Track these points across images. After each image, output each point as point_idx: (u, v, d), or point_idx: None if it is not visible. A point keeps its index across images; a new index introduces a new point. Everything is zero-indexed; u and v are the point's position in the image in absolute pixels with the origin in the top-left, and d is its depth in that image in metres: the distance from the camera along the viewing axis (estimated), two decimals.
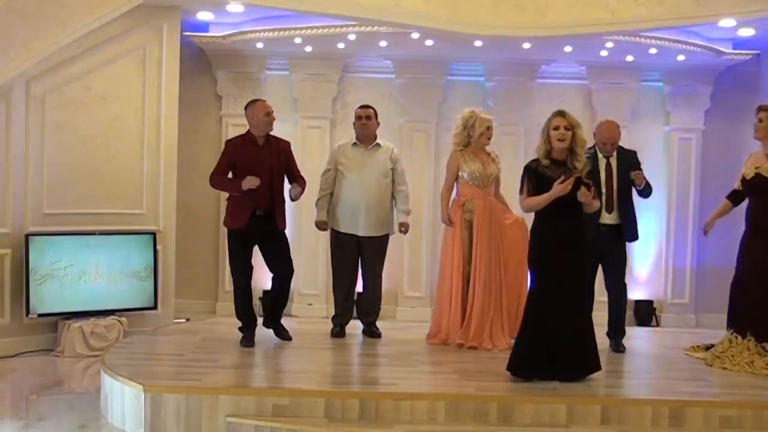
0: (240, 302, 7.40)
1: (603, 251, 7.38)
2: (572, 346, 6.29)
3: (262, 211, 7.23)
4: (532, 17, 8.43)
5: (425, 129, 10.74)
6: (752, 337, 6.99)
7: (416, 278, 10.74)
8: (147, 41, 8.87)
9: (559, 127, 6.21)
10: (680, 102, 10.74)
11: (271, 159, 7.32)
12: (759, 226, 7.06)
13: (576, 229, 6.32)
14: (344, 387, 6.17)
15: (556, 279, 6.23)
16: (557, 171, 6.21)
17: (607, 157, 7.47)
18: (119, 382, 6.06)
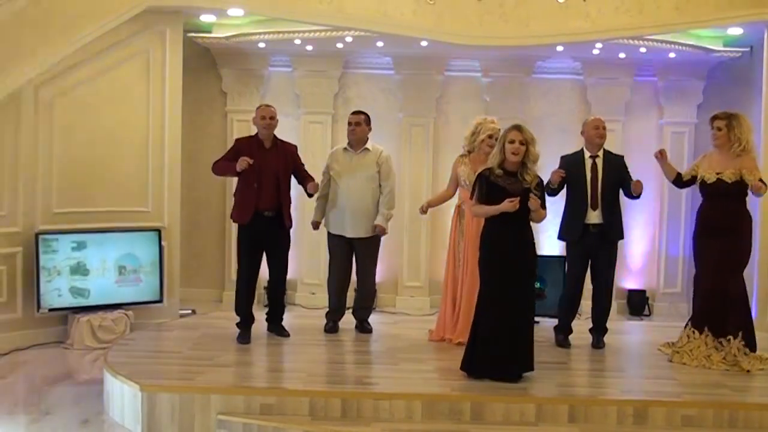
0: (240, 300, 7.82)
1: (590, 250, 7.71)
2: (513, 347, 6.61)
3: (270, 212, 7.65)
4: (515, 27, 8.71)
5: (423, 123, 11.03)
6: (710, 333, 7.32)
7: (415, 268, 11.08)
8: (150, 45, 9.19)
9: (515, 141, 6.54)
10: (673, 96, 10.97)
11: (278, 162, 7.74)
12: (712, 226, 7.35)
13: (523, 237, 6.67)
14: (329, 386, 6.55)
15: (503, 283, 6.57)
16: (508, 181, 6.56)
17: (593, 157, 7.76)
18: (119, 381, 6.49)
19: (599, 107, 10.89)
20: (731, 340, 7.27)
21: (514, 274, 6.60)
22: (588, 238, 7.64)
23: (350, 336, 8.15)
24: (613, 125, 10.80)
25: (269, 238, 7.76)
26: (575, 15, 8.77)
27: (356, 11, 8.84)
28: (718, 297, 7.30)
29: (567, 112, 11.04)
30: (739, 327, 7.32)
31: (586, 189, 7.60)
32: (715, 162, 7.41)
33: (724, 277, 7.30)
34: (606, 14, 8.73)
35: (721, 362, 7.19)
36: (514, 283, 6.60)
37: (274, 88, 11.06)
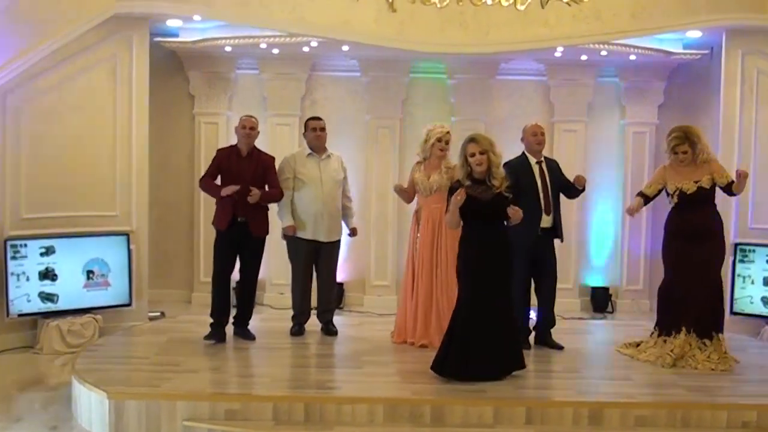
0: (214, 302, 8.08)
1: (539, 254, 7.90)
2: (500, 349, 6.87)
3: (242, 218, 7.89)
4: (475, 35, 8.85)
5: (390, 125, 11.16)
6: (694, 334, 7.52)
7: (383, 268, 11.21)
8: (118, 51, 9.25)
9: (474, 153, 6.76)
10: (635, 97, 11.16)
11: (250, 171, 7.96)
12: (692, 232, 7.55)
13: (499, 239, 6.89)
14: (293, 391, 6.70)
15: (483, 287, 6.79)
16: (478, 190, 6.77)
17: (539, 162, 7.95)
18: (86, 388, 6.62)
19: (562, 108, 11.11)
20: (714, 339, 7.51)
21: (493, 278, 6.83)
22: (538, 242, 7.82)
23: (316, 338, 8.31)
24: (576, 126, 11.11)
25: (243, 244, 8.03)
26: (534, 22, 8.92)
27: (319, 20, 8.96)
28: (703, 299, 7.53)
29: (531, 112, 11.15)
30: (718, 326, 7.59)
31: (539, 194, 7.76)
32: (685, 172, 7.61)
33: (708, 280, 7.56)
34: (564, 22, 8.89)
35: (706, 361, 7.41)
36: (494, 286, 6.84)
37: (242, 90, 11.16)
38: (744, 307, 9.47)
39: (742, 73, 9.50)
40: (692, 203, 7.58)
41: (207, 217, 9.29)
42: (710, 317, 7.57)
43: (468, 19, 8.88)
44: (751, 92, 9.48)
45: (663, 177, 7.76)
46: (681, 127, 7.70)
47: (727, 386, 6.99)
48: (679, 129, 7.68)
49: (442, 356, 6.90)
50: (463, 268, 6.93)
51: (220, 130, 10.95)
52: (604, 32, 9.02)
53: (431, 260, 7.95)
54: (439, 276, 7.94)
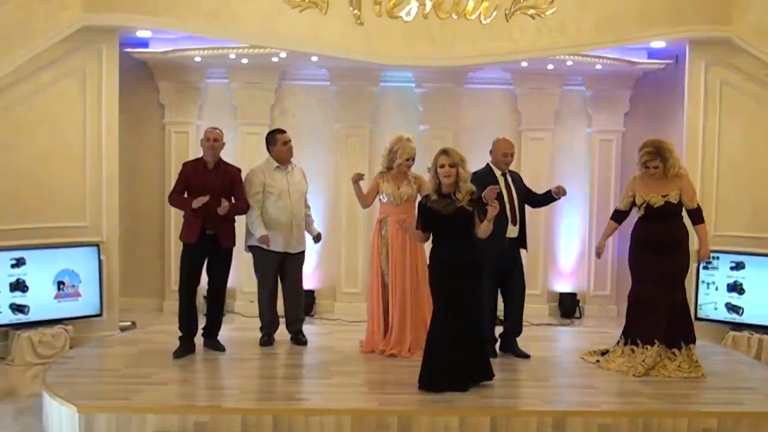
0: (182, 314, 8.10)
1: (507, 263, 8.04)
2: (472, 359, 7.01)
3: (211, 230, 7.96)
4: (442, 48, 8.97)
5: (360, 134, 11.24)
6: (663, 344, 7.65)
7: (353, 275, 11.29)
8: (87, 62, 9.28)
9: (444, 165, 6.87)
10: (601, 105, 11.31)
11: (217, 183, 8.03)
12: (660, 244, 7.68)
13: (468, 252, 7.00)
14: (261, 403, 6.77)
15: (452, 299, 6.92)
16: (442, 204, 6.91)
17: (505, 174, 8.08)
18: (57, 402, 6.66)
19: (529, 116, 11.24)
20: (682, 349, 7.65)
21: (462, 289, 6.95)
22: (505, 251, 7.96)
23: (285, 349, 8.39)
24: (543, 134, 11.25)
25: (211, 256, 8.11)
26: (499, 36, 9.04)
27: (288, 33, 9.05)
28: (670, 310, 7.66)
29: (498, 121, 11.33)
30: (688, 336, 7.72)
31: (505, 205, 7.88)
32: (655, 185, 7.72)
33: (674, 291, 7.70)
34: (529, 35, 9.02)
35: (677, 371, 7.55)
36: (464, 297, 6.96)
37: (212, 99, 11.23)
38: (708, 313, 9.62)
39: (706, 83, 9.65)
40: (659, 216, 7.70)
41: (178, 226, 9.28)
42: (679, 328, 7.70)
43: (434, 33, 9.00)
44: (714, 103, 9.63)
45: (632, 188, 7.86)
46: (653, 142, 7.78)
47: (689, 394, 7.14)
48: (651, 143, 7.75)
49: (424, 371, 7.03)
50: (433, 281, 7.08)
51: (191, 139, 10.99)
52: (569, 45, 9.16)
53: (403, 271, 8.06)
54: (412, 285, 8.05)
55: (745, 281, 9.43)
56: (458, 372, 6.94)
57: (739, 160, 9.62)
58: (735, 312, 9.48)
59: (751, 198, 9.55)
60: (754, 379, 7.63)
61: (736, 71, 9.50)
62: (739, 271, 9.47)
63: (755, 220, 9.53)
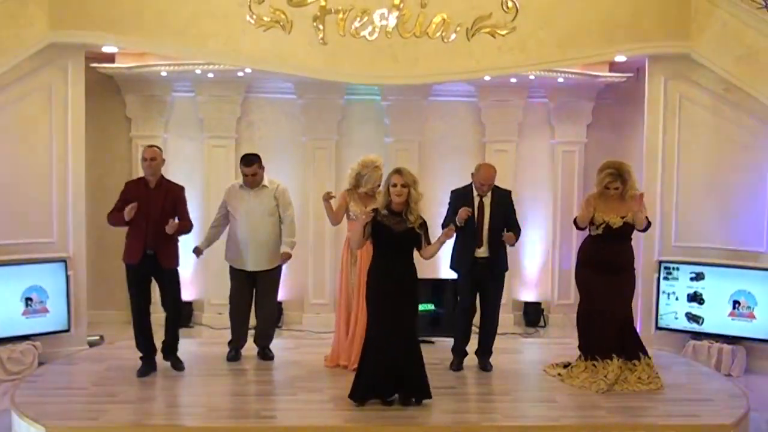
0: (137, 336, 8.16)
1: (480, 279, 8.19)
2: (405, 374, 7.11)
3: (151, 250, 7.97)
4: (404, 67, 9.06)
5: (326, 146, 11.33)
6: (622, 357, 7.82)
7: (321, 286, 11.38)
8: (53, 79, 9.30)
9: (397, 184, 7.02)
10: (564, 117, 11.48)
11: (158, 202, 8.03)
12: (610, 263, 7.87)
13: (407, 271, 7.16)
14: (228, 421, 6.88)
15: (387, 315, 7.05)
16: (393, 221, 7.07)
17: (481, 196, 8.20)
18: (25, 422, 6.74)
19: (493, 128, 11.37)
20: (642, 359, 7.84)
21: (395, 303, 7.07)
22: (477, 268, 8.11)
23: (252, 364, 8.49)
24: (506, 146, 11.38)
25: (156, 276, 8.15)
26: (461, 54, 9.14)
27: (253, 51, 9.12)
28: (623, 325, 7.88)
29: (462, 133, 11.49)
30: (643, 348, 7.94)
31: (474, 224, 8.01)
32: (613, 206, 7.88)
33: (622, 309, 7.90)
34: (490, 53, 9.13)
35: (638, 382, 7.73)
36: (399, 315, 7.07)
37: (178, 112, 11.28)
38: (669, 323, 9.82)
39: (665, 97, 9.83)
40: (615, 237, 7.88)
41: None
42: (632, 341, 7.94)
43: (397, 52, 9.09)
44: (673, 116, 9.81)
45: (592, 207, 7.95)
46: (613, 164, 7.94)
47: (647, 406, 7.32)
48: (611, 165, 7.91)
49: (355, 383, 7.20)
50: (369, 295, 7.21)
51: None
52: (530, 63, 9.29)
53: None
54: None
55: (704, 291, 9.62)
56: (382, 383, 7.07)
57: (699, 172, 9.79)
58: (695, 321, 9.67)
59: (710, 209, 9.73)
60: (712, 390, 7.81)
61: (695, 85, 9.68)
62: (698, 281, 9.66)
63: (715, 232, 9.70)
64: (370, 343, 7.13)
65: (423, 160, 11.36)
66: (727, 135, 9.62)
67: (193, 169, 11.13)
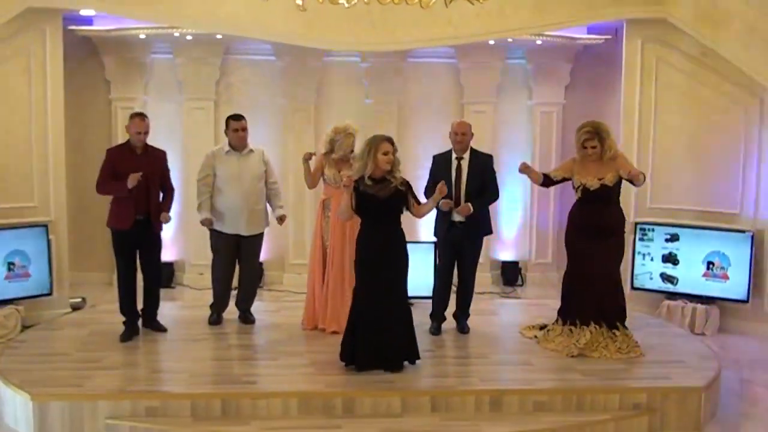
0: (123, 300, 8.23)
1: (457, 244, 8.28)
2: (394, 338, 7.25)
3: (141, 215, 8.02)
4: (383, 34, 9.11)
5: (306, 108, 11.37)
6: (604, 326, 7.88)
7: (301, 247, 11.45)
8: (31, 44, 9.28)
9: (388, 152, 7.07)
10: (542, 78, 11.55)
11: (147, 168, 8.06)
12: (595, 228, 7.87)
13: (394, 235, 7.27)
14: (210, 387, 6.99)
15: (377, 281, 7.18)
16: (376, 188, 7.13)
17: (459, 159, 8.27)
18: (11, 390, 6.85)
19: (472, 90, 11.45)
20: (620, 329, 7.89)
21: (387, 271, 7.19)
22: (455, 232, 8.20)
23: (233, 328, 8.60)
24: (485, 107, 11.48)
25: (142, 241, 8.19)
26: (439, 21, 9.19)
27: (231, 18, 9.14)
28: (605, 293, 7.89)
29: (442, 94, 11.56)
30: (623, 319, 7.96)
31: (451, 190, 8.08)
32: (592, 168, 7.86)
33: (607, 275, 7.90)
34: (468, 20, 9.17)
35: (618, 351, 7.79)
36: (388, 278, 7.20)
37: (157, 75, 11.28)
38: (644, 283, 10.01)
39: (642, 61, 9.92)
40: (595, 200, 7.86)
41: None
42: (614, 310, 7.93)
43: (375, 18, 9.12)
44: (650, 79, 9.90)
45: (571, 169, 8.01)
46: (591, 123, 7.93)
47: (620, 369, 7.47)
48: (589, 124, 7.90)
49: (347, 346, 7.30)
50: (359, 262, 7.30)
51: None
52: (508, 29, 9.36)
53: (342, 250, 8.27)
54: (349, 266, 8.24)
55: (679, 252, 9.80)
56: (377, 352, 7.20)
57: (675, 134, 9.92)
58: (669, 282, 9.87)
59: (685, 171, 9.87)
60: (684, 352, 7.96)
61: (672, 49, 9.76)
62: (673, 242, 9.84)
63: (690, 193, 9.86)
64: (361, 311, 7.21)
65: (402, 122, 11.43)
66: (703, 98, 9.73)
67: (173, 131, 11.14)
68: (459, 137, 8.28)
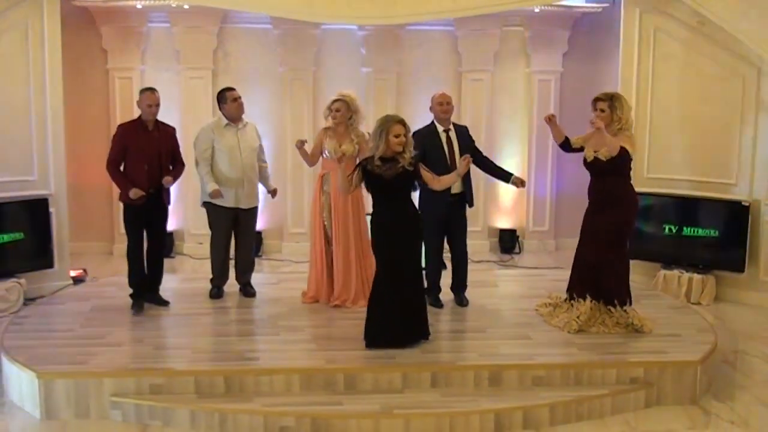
0: (132, 272, 8.33)
1: (449, 219, 8.33)
2: (412, 317, 7.35)
3: (152, 189, 8.14)
4: (382, 8, 9.06)
5: (303, 77, 11.37)
6: (601, 301, 7.90)
7: (299, 215, 11.56)
8: (28, 16, 9.21)
9: (400, 134, 7.10)
10: (539, 46, 11.55)
11: (159, 143, 8.20)
12: (595, 201, 7.88)
13: (407, 213, 7.33)
14: (213, 363, 7.07)
15: (394, 260, 7.25)
16: (384, 168, 7.17)
17: (447, 131, 8.30)
18: (16, 367, 6.92)
19: (469, 57, 11.45)
20: (617, 308, 7.87)
21: (404, 249, 7.28)
22: (448, 207, 8.23)
23: (234, 301, 8.68)
24: (482, 75, 11.50)
25: (151, 215, 8.29)
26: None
27: None
28: (597, 267, 7.86)
29: (439, 62, 11.57)
30: (621, 296, 7.89)
31: (446, 162, 8.09)
32: (593, 140, 7.78)
33: (605, 250, 7.80)
34: None
35: (616, 326, 7.84)
36: (405, 257, 7.29)
37: (154, 44, 11.26)
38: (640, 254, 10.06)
39: (640, 30, 9.90)
40: (593, 171, 7.83)
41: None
42: (611, 286, 7.86)
43: None
44: (648, 49, 9.89)
45: (587, 138, 7.94)
46: (613, 93, 7.86)
47: (618, 342, 7.55)
48: (610, 93, 7.82)
49: (371, 329, 7.37)
50: (375, 242, 7.38)
51: (134, 84, 11.03)
52: (508, 1, 9.32)
53: (345, 224, 8.33)
54: (355, 238, 8.38)
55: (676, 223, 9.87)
56: (399, 331, 7.30)
57: (672, 104, 9.93)
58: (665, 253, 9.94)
59: (682, 141, 9.90)
60: (681, 325, 8.06)
61: (670, 18, 9.74)
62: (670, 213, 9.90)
63: (687, 164, 9.90)
64: (381, 291, 7.28)
65: (400, 90, 11.43)
66: (700, 68, 9.73)
67: (170, 100, 11.04)
68: (445, 107, 8.29)
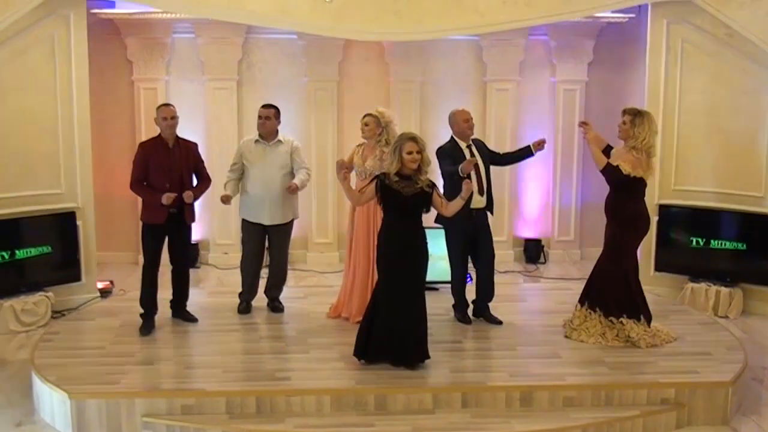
0: (145, 292, 8.29)
1: (476, 233, 8.32)
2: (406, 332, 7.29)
3: (174, 209, 8.09)
4: (409, 24, 9.06)
5: (327, 87, 11.36)
6: (601, 312, 7.98)
7: (324, 226, 11.58)
8: (55, 30, 9.24)
9: (412, 152, 7.07)
10: (565, 55, 11.50)
11: (181, 161, 8.16)
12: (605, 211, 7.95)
13: (415, 233, 7.30)
14: (244, 383, 7.08)
15: (397, 278, 7.23)
16: (402, 185, 7.14)
17: (469, 147, 8.31)
18: (48, 387, 6.94)
19: (494, 67, 11.42)
20: (618, 320, 7.90)
21: (405, 266, 7.24)
22: (473, 221, 8.23)
23: (263, 317, 8.69)
24: (508, 85, 11.47)
25: (173, 233, 8.28)
26: (466, 10, 9.10)
27: (256, 8, 9.09)
28: (601, 279, 7.96)
29: (464, 72, 11.53)
30: (622, 308, 7.92)
31: (471, 177, 8.00)
32: (620, 154, 7.79)
33: (604, 261, 7.97)
34: (494, 8, 9.09)
35: (615, 339, 7.87)
36: (408, 278, 7.25)
37: (179, 55, 11.27)
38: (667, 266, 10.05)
39: (667, 42, 9.84)
40: (608, 183, 7.87)
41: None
42: (606, 298, 7.94)
43: (402, 8, 9.06)
44: (675, 60, 9.83)
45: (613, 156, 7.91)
46: (641, 109, 7.86)
47: (648, 362, 7.52)
48: (638, 108, 7.82)
49: (361, 342, 7.39)
50: (380, 258, 7.35)
51: (159, 95, 11.05)
52: (534, 17, 9.26)
53: (367, 242, 8.30)
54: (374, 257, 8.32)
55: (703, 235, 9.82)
56: (392, 346, 7.27)
57: (699, 116, 9.87)
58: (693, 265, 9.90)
59: (709, 153, 9.85)
60: (710, 342, 8.01)
61: (697, 30, 9.68)
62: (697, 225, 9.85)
63: (714, 176, 9.84)
64: (379, 306, 7.28)
65: (424, 100, 11.42)
66: (728, 80, 9.68)
67: (195, 111, 11.14)
68: (471, 123, 8.31)
